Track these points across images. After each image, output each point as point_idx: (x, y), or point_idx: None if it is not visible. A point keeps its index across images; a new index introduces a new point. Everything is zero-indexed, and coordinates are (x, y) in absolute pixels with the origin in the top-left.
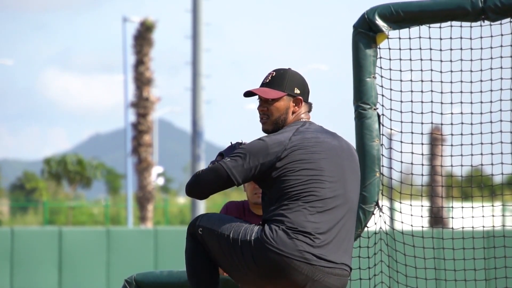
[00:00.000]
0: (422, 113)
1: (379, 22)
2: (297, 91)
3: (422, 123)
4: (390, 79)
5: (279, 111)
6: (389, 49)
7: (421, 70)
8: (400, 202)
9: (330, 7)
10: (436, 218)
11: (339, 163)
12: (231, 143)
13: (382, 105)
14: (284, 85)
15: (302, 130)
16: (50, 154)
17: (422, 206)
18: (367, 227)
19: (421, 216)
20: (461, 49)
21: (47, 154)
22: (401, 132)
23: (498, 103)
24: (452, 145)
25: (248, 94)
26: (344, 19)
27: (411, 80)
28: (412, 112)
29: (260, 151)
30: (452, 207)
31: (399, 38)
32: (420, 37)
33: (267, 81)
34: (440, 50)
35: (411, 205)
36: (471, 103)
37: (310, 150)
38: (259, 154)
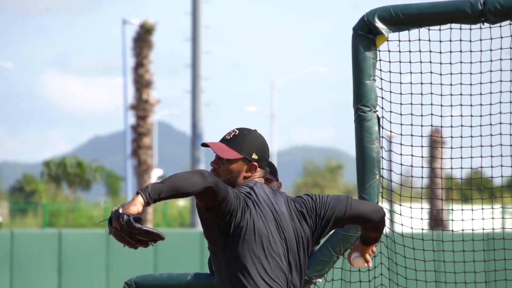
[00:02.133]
0: (421, 115)
1: (379, 24)
2: (254, 156)
3: (421, 126)
4: (390, 82)
5: (230, 173)
6: (389, 51)
7: (421, 73)
8: (400, 205)
9: (330, 10)
10: (436, 221)
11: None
12: None
13: (382, 108)
14: (243, 147)
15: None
16: (50, 157)
17: (422, 208)
18: None
19: (421, 219)
20: (460, 51)
21: (47, 156)
22: (401, 134)
23: (497, 105)
24: (452, 148)
25: (205, 145)
26: (344, 21)
27: (410, 83)
28: (411, 114)
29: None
30: (452, 209)
31: (399, 41)
32: (419, 40)
33: (228, 138)
34: (440, 52)
35: (411, 207)
36: (471, 105)
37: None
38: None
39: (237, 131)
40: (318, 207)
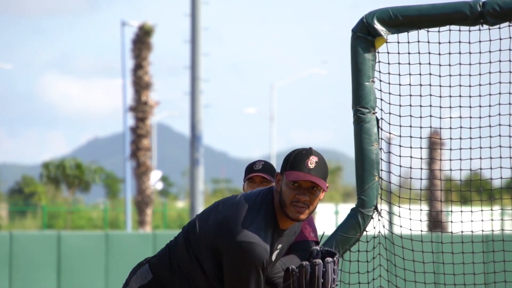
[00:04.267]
0: (421, 117)
1: (378, 26)
2: (327, 178)
3: (421, 127)
4: (389, 83)
5: (318, 202)
6: (388, 53)
7: (420, 74)
8: (399, 206)
9: (329, 12)
10: (435, 222)
11: None
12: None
13: (381, 109)
14: (325, 175)
15: None
16: (49, 158)
17: (421, 210)
18: (366, 231)
19: (420, 220)
20: (459, 53)
21: (46, 158)
22: (400, 136)
23: (496, 107)
24: (451, 149)
25: (312, 182)
26: (343, 23)
27: (410, 84)
28: (411, 116)
29: None
30: (451, 211)
31: (398, 42)
32: (418, 41)
33: (312, 167)
34: (439, 54)
35: (410, 209)
36: (470, 107)
37: None
38: None
39: (317, 158)
40: None
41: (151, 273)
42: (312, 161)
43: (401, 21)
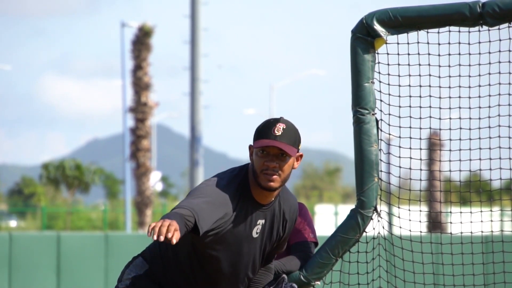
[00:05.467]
0: (420, 118)
1: (377, 27)
2: (300, 146)
3: (420, 128)
4: (389, 84)
5: (289, 170)
6: (388, 54)
7: (420, 75)
8: (399, 207)
9: (328, 13)
10: (435, 223)
11: None
12: None
13: (381, 110)
14: (295, 140)
15: None
16: (48, 159)
17: (420, 211)
18: (366, 232)
19: (420, 221)
20: (459, 54)
21: (45, 159)
22: (400, 137)
23: (496, 108)
24: (450, 150)
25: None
26: (342, 24)
27: (409, 85)
28: (410, 117)
29: None
30: (450, 212)
31: (398, 43)
32: (418, 42)
33: (279, 133)
34: (439, 55)
35: (409, 210)
36: (470, 108)
37: None
38: None
39: (284, 125)
40: None
41: (146, 263)
42: (278, 128)
43: (401, 22)
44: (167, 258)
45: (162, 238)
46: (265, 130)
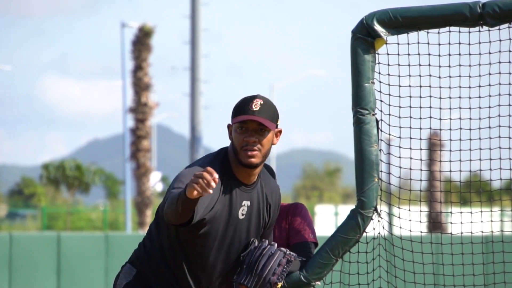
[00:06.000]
0: (420, 118)
1: (378, 27)
2: (278, 122)
3: (420, 129)
4: (389, 85)
5: (269, 144)
6: (388, 54)
7: (420, 76)
8: (399, 208)
9: (329, 13)
10: (435, 224)
11: None
12: None
13: (381, 111)
14: (273, 115)
15: None
16: (49, 160)
17: (420, 211)
18: (366, 233)
19: (420, 222)
20: (459, 54)
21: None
22: (400, 137)
23: (496, 108)
24: (450, 151)
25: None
26: (342, 24)
27: (409, 86)
28: (410, 117)
29: None
30: (450, 212)
31: (398, 44)
32: (418, 43)
33: (256, 109)
34: (439, 55)
35: (409, 210)
36: (470, 108)
37: None
38: None
39: (262, 101)
40: None
41: (134, 268)
42: (256, 104)
43: (401, 22)
44: (154, 257)
45: (211, 191)
46: (243, 106)
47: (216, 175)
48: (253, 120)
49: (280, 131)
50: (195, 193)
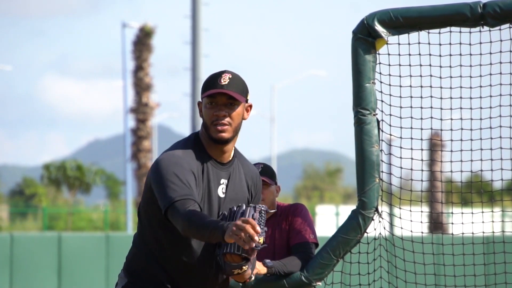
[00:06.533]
0: (421, 118)
1: (379, 27)
2: (248, 96)
3: (421, 129)
4: (390, 85)
5: (240, 118)
6: (389, 54)
7: (421, 76)
8: (400, 208)
9: (330, 13)
10: (436, 224)
11: None
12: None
13: (382, 111)
14: (243, 89)
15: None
16: (49, 160)
17: (421, 211)
18: (367, 233)
19: (421, 222)
20: (460, 54)
21: (46, 159)
22: (401, 137)
23: (497, 108)
24: (451, 151)
25: (212, 93)
26: (343, 25)
27: (410, 86)
28: (411, 117)
29: None
30: (451, 212)
31: (399, 44)
32: (419, 43)
33: (225, 83)
34: (440, 55)
35: (410, 210)
36: (471, 108)
37: None
38: None
39: (230, 75)
40: None
41: (125, 276)
42: (225, 78)
43: (402, 22)
44: (144, 261)
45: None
46: (211, 81)
47: (258, 229)
48: (222, 94)
49: (250, 106)
50: (232, 241)
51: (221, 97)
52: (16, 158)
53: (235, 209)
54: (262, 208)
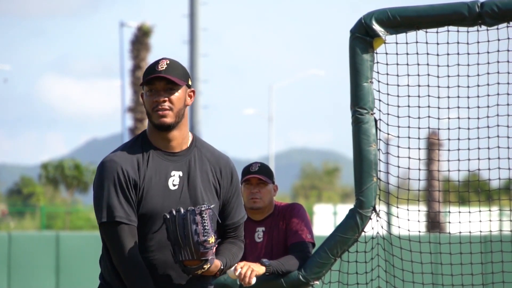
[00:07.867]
0: (419, 118)
1: (376, 27)
2: (189, 82)
3: (419, 128)
4: (387, 84)
5: (182, 103)
6: (386, 54)
7: (418, 75)
8: (397, 207)
9: (328, 13)
10: (433, 223)
11: None
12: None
13: (379, 110)
14: (182, 73)
15: None
16: (48, 159)
17: (419, 211)
18: (364, 232)
19: (418, 221)
20: (458, 54)
21: (45, 159)
22: (398, 137)
23: (495, 108)
24: (449, 150)
25: (151, 78)
26: (341, 24)
27: (408, 85)
28: (409, 117)
29: None
30: (449, 211)
31: (396, 43)
32: (417, 42)
33: (163, 68)
34: (437, 55)
35: (408, 209)
36: (468, 108)
37: None
38: None
39: (168, 61)
40: None
41: (101, 280)
42: (162, 64)
43: (400, 22)
44: (112, 265)
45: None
46: (150, 68)
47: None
48: (160, 79)
49: (193, 91)
50: None
51: (159, 82)
52: (15, 157)
53: (173, 217)
54: (202, 208)
